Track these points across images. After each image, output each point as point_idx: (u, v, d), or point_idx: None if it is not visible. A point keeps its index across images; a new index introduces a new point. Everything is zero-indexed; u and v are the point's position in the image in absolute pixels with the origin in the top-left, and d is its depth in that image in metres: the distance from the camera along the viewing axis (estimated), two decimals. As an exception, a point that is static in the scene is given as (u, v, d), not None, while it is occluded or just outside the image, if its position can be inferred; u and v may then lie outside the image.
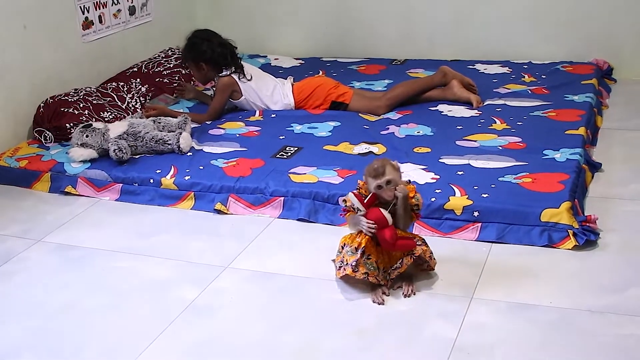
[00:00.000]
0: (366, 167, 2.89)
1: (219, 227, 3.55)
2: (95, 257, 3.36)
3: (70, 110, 4.40)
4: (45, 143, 4.36)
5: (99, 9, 5.07)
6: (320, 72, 5.32)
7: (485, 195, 3.35)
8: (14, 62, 4.41)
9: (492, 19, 5.46)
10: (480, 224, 3.27)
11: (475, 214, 3.28)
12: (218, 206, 3.65)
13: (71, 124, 4.32)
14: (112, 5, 5.18)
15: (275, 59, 5.78)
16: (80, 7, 4.90)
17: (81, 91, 4.61)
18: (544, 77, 5.00)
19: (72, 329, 2.85)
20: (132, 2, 5.37)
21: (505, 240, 3.22)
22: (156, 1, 5.61)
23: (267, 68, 5.32)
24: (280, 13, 5.97)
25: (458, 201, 3.33)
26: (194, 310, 2.90)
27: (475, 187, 3.42)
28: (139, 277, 3.16)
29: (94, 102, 4.56)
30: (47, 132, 4.35)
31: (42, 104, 4.44)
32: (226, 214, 3.64)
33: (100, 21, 5.09)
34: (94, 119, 4.40)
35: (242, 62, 4.70)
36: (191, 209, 3.73)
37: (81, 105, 4.46)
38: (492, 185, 3.44)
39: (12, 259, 3.38)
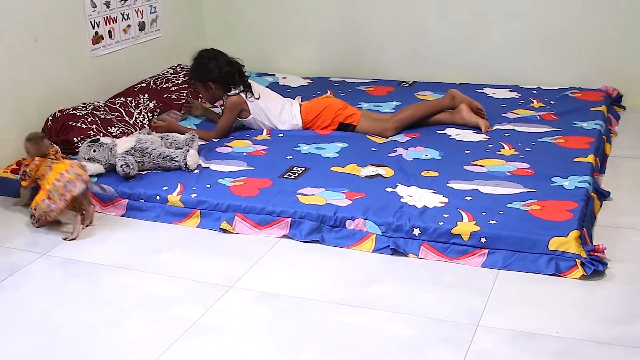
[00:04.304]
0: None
1: (224, 246, 3.53)
2: (100, 272, 3.35)
3: (78, 125, 4.40)
4: (52, 156, 4.35)
5: (109, 23, 5.08)
6: (328, 92, 5.32)
7: (493, 222, 3.33)
8: (24, 75, 4.41)
9: (501, 43, 5.46)
10: (487, 250, 3.26)
11: (483, 240, 3.26)
12: (224, 225, 3.64)
13: (79, 138, 4.32)
14: (122, 20, 5.19)
15: (284, 77, 5.78)
16: (90, 21, 4.91)
17: (89, 105, 4.61)
18: (552, 102, 4.99)
19: (74, 345, 2.83)
20: (142, 18, 5.39)
21: (512, 268, 3.20)
22: (166, 17, 5.63)
23: (275, 87, 5.32)
24: (289, 32, 5.98)
25: (466, 227, 3.31)
26: (197, 329, 2.88)
27: (483, 213, 3.40)
28: (142, 295, 3.15)
29: (102, 116, 4.56)
30: (55, 146, 4.34)
31: (50, 118, 4.44)
32: (232, 233, 3.63)
33: (110, 36, 5.10)
34: (101, 134, 4.40)
35: (250, 80, 4.70)
36: (197, 227, 3.72)
37: (89, 120, 4.46)
38: (500, 212, 3.42)
39: (17, 271, 3.37)
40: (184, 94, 5.15)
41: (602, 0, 5.18)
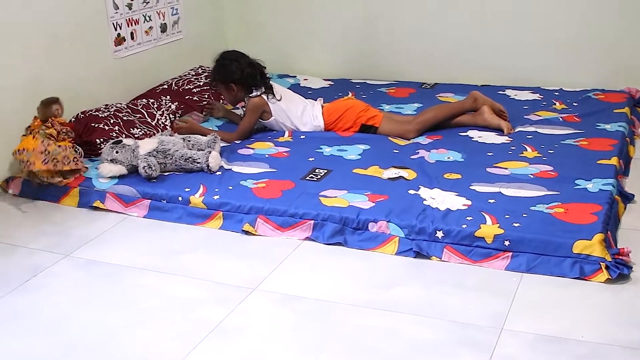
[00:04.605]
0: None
1: (246, 248, 3.53)
2: (122, 273, 3.35)
3: (101, 126, 4.42)
4: (75, 157, 4.38)
5: (131, 25, 5.10)
6: (350, 94, 5.31)
7: (516, 225, 3.32)
8: (46, 76, 4.43)
9: (523, 45, 5.44)
10: (510, 253, 3.24)
11: (506, 243, 3.25)
12: (246, 227, 3.63)
13: (101, 140, 4.34)
14: (144, 22, 5.21)
15: (305, 79, 5.78)
16: (112, 23, 4.93)
17: (112, 107, 4.63)
18: (575, 104, 4.96)
19: (97, 346, 2.84)
20: (163, 20, 5.40)
21: (535, 271, 3.18)
22: (187, 19, 5.64)
23: (296, 88, 5.32)
24: (310, 33, 5.98)
25: (489, 229, 3.30)
26: (220, 331, 2.88)
27: (506, 216, 3.39)
28: (166, 296, 3.15)
29: (124, 118, 4.57)
30: (77, 147, 4.35)
31: (73, 119, 4.46)
32: (254, 235, 3.63)
33: (132, 38, 5.12)
34: (124, 135, 4.42)
35: (271, 82, 4.70)
36: (219, 228, 3.72)
37: (111, 121, 4.48)
38: (524, 215, 3.40)
39: (40, 273, 3.38)
40: (206, 96, 5.16)
41: (624, 0, 5.15)
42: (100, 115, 4.49)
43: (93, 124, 4.42)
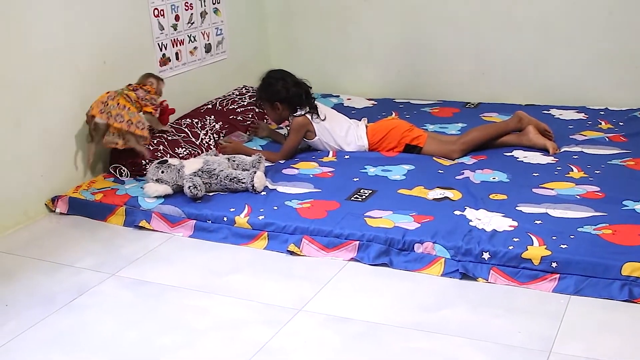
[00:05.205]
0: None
1: (292, 268, 3.53)
2: (168, 293, 3.37)
3: (146, 146, 4.44)
4: (121, 178, 4.41)
5: (176, 46, 5.15)
6: (393, 114, 5.30)
7: (564, 246, 3.28)
8: (94, 96, 4.46)
9: (567, 64, 5.40)
10: (558, 275, 3.20)
11: (554, 264, 3.21)
12: (291, 247, 3.63)
13: (147, 160, 4.37)
14: (189, 42, 5.26)
15: (348, 99, 5.79)
16: (158, 44, 4.98)
17: (157, 126, 4.67)
18: (621, 124, 4.92)
19: (145, 367, 2.85)
20: (208, 40, 5.45)
21: (583, 293, 3.14)
22: (232, 39, 5.68)
23: (339, 108, 5.32)
24: (353, 53, 5.99)
25: (536, 251, 3.27)
26: (266, 353, 2.88)
27: (553, 237, 3.36)
28: (211, 316, 3.16)
29: (169, 138, 4.61)
30: (123, 168, 4.40)
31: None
32: (299, 255, 3.63)
33: (177, 58, 5.17)
34: (168, 155, 4.45)
35: (316, 102, 4.72)
36: (264, 249, 3.72)
37: (156, 141, 4.51)
38: (571, 236, 3.37)
39: (87, 292, 3.40)
40: (250, 115, 5.18)
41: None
42: (144, 136, 4.52)
43: (138, 144, 4.46)
